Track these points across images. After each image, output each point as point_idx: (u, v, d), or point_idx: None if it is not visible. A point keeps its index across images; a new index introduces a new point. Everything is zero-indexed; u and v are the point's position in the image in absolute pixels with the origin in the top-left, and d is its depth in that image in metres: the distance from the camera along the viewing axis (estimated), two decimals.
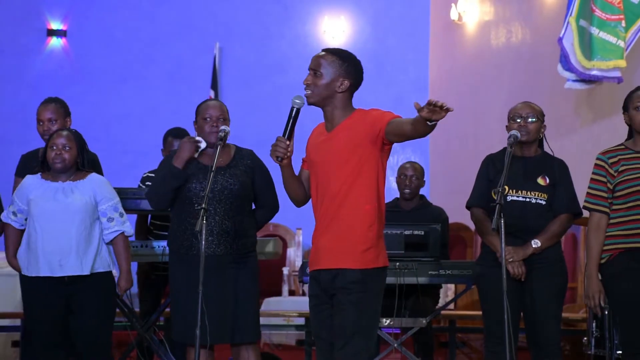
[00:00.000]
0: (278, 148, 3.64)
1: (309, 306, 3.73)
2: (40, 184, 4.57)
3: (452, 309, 7.03)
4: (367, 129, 3.67)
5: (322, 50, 3.84)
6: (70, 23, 9.68)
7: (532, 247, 4.39)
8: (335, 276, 3.59)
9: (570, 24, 6.29)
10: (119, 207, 4.58)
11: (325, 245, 3.64)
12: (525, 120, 4.43)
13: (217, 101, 4.66)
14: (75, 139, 4.59)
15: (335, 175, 3.64)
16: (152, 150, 6.80)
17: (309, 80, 3.73)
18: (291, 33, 9.73)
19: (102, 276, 4.55)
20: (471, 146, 8.68)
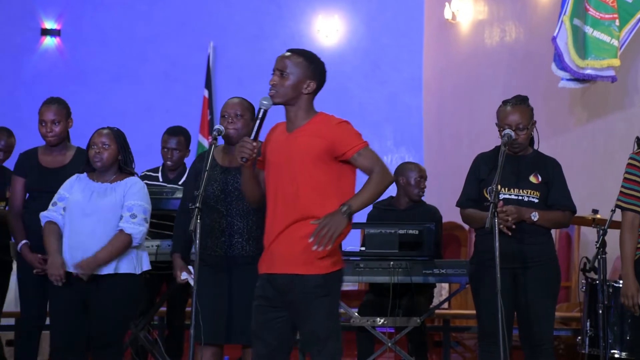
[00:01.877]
0: (244, 149, 3.64)
1: (253, 307, 3.71)
2: (84, 181, 4.60)
3: (446, 308, 7.04)
4: (331, 145, 3.65)
5: (288, 51, 3.82)
6: (64, 22, 9.68)
7: (531, 215, 4.37)
8: (292, 281, 3.59)
9: (564, 23, 6.30)
10: (133, 208, 4.51)
11: (282, 250, 3.62)
12: (517, 133, 4.42)
13: (237, 98, 4.57)
14: (116, 137, 4.60)
15: (294, 179, 3.63)
16: (147, 149, 6.80)
17: (275, 81, 3.72)
18: (285, 32, 9.73)
19: (125, 277, 4.53)
20: (465, 145, 8.69)
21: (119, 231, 4.50)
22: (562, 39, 6.32)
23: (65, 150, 5.09)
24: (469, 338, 7.24)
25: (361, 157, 3.66)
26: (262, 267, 3.71)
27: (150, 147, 6.31)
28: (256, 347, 3.68)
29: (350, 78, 9.82)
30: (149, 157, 6.40)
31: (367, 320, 5.40)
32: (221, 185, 4.30)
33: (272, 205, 3.69)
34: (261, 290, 3.68)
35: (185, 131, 5.87)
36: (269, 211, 3.70)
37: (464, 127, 8.95)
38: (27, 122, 5.30)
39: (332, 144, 3.65)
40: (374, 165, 3.67)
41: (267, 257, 3.69)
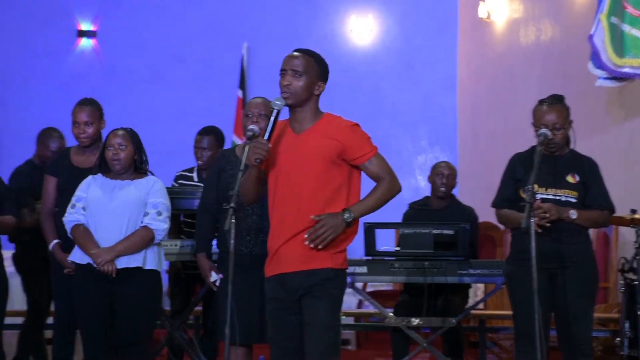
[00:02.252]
0: (259, 150, 3.58)
1: (267, 312, 3.69)
2: (100, 180, 4.64)
3: (481, 308, 7.00)
4: (343, 147, 3.63)
5: (297, 51, 3.79)
6: (100, 24, 9.76)
7: (569, 213, 4.33)
8: (303, 276, 3.58)
9: (601, 21, 6.24)
10: (159, 206, 4.58)
11: (292, 251, 3.59)
12: (554, 133, 4.38)
13: (261, 98, 4.62)
14: (131, 137, 4.64)
15: (305, 182, 3.60)
16: (181, 149, 6.84)
17: (288, 82, 3.66)
18: (318, 32, 9.72)
19: (151, 274, 4.58)
20: (500, 144, 8.63)
21: (142, 227, 4.54)
22: (599, 37, 6.25)
23: (97, 150, 5.12)
24: (505, 338, 7.20)
25: (372, 165, 3.67)
26: (269, 269, 3.67)
27: (185, 147, 6.34)
28: (274, 353, 3.65)
29: (383, 78, 9.80)
30: (183, 157, 6.43)
31: (402, 320, 5.38)
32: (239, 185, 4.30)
33: (280, 208, 3.64)
34: (272, 293, 3.65)
35: (217, 131, 5.88)
36: (276, 213, 3.65)
37: (499, 127, 8.89)
38: (63, 122, 5.34)
39: (344, 146, 3.63)
40: (384, 173, 3.68)
41: (276, 260, 3.65)
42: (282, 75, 3.69)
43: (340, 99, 9.44)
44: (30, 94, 9.59)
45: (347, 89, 9.34)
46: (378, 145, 3.78)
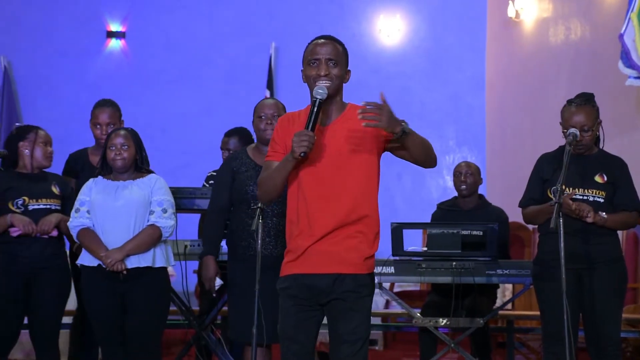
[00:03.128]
0: (305, 142, 3.35)
1: (283, 308, 3.49)
2: (102, 182, 4.65)
3: (509, 309, 6.97)
4: (374, 130, 3.44)
5: (325, 38, 3.59)
6: (129, 25, 9.82)
7: (600, 214, 4.31)
8: (337, 280, 3.41)
9: (632, 20, 6.19)
10: (163, 203, 4.59)
11: (326, 250, 3.43)
12: (582, 134, 4.35)
13: (272, 99, 4.64)
14: (133, 137, 4.65)
15: (341, 177, 3.44)
16: (209, 150, 6.86)
17: (328, 71, 3.48)
18: (346, 32, 9.71)
19: (160, 271, 4.61)
20: (528, 144, 8.59)
21: (149, 225, 4.56)
22: (630, 36, 6.21)
23: None
24: (533, 339, 7.16)
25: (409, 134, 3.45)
26: (292, 268, 3.48)
27: (212, 147, 6.36)
28: (290, 348, 3.47)
29: (411, 78, 9.78)
30: (211, 157, 6.45)
31: (430, 320, 5.37)
32: None
33: (310, 204, 3.44)
34: (295, 291, 3.46)
35: (243, 131, 5.83)
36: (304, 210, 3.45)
37: (527, 127, 8.84)
38: None
39: (378, 130, 3.44)
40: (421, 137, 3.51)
41: (303, 259, 3.46)
42: (314, 64, 3.51)
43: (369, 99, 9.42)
44: (60, 95, 9.67)
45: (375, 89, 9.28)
46: None
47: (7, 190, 4.76)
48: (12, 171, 4.87)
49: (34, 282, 4.73)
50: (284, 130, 3.53)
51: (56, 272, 4.78)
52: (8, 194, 4.76)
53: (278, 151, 3.52)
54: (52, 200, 4.81)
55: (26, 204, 4.75)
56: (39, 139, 4.84)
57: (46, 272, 4.74)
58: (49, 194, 4.81)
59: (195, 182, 5.89)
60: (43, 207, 4.78)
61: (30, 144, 4.83)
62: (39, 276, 4.73)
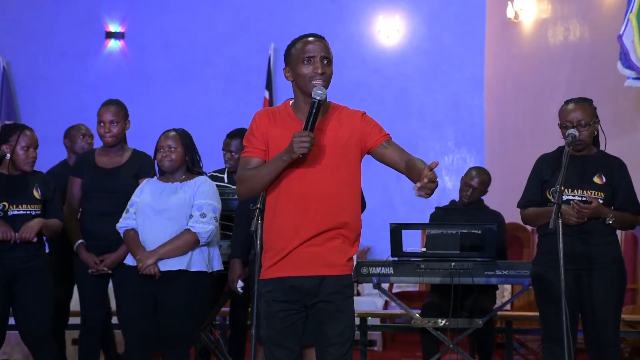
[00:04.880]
0: (306, 143, 3.26)
1: (269, 313, 3.39)
2: (154, 183, 4.68)
3: (508, 309, 6.97)
4: (359, 136, 3.40)
5: (317, 35, 3.50)
6: (128, 26, 9.82)
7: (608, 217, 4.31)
8: (322, 282, 3.36)
9: (631, 20, 6.19)
10: (203, 207, 4.57)
11: (311, 252, 3.36)
12: (579, 130, 4.36)
13: None
14: (182, 139, 4.68)
15: (327, 178, 3.37)
16: (209, 150, 6.83)
17: (324, 69, 3.39)
18: (346, 33, 9.72)
19: (196, 275, 4.59)
20: (527, 145, 8.59)
21: (186, 230, 4.55)
22: (629, 37, 6.21)
23: (122, 151, 5.16)
24: (532, 340, 7.17)
25: (390, 145, 3.41)
26: (276, 271, 3.39)
27: (212, 148, 6.37)
28: (277, 355, 3.40)
29: (411, 78, 9.78)
30: (211, 158, 6.43)
31: (429, 321, 5.37)
32: None
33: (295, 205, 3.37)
34: (281, 295, 3.38)
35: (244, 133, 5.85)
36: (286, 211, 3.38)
37: (527, 128, 8.85)
38: (92, 123, 5.38)
39: (360, 134, 3.40)
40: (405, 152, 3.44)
41: (288, 261, 3.38)
42: (308, 61, 3.42)
43: (368, 100, 9.45)
44: (59, 95, 9.68)
45: (375, 90, 9.34)
46: (405, 145, 3.73)
47: None
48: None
49: (15, 284, 4.73)
50: (264, 126, 3.44)
51: (37, 273, 4.77)
52: None
53: (258, 147, 3.43)
54: (33, 206, 4.78)
55: (6, 209, 4.72)
56: (22, 142, 4.76)
57: (27, 274, 4.74)
58: (30, 199, 4.78)
59: None
60: (23, 213, 4.75)
61: (11, 147, 4.75)
62: (20, 278, 4.73)
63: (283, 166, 3.35)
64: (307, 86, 3.39)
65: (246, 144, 3.48)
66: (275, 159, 3.36)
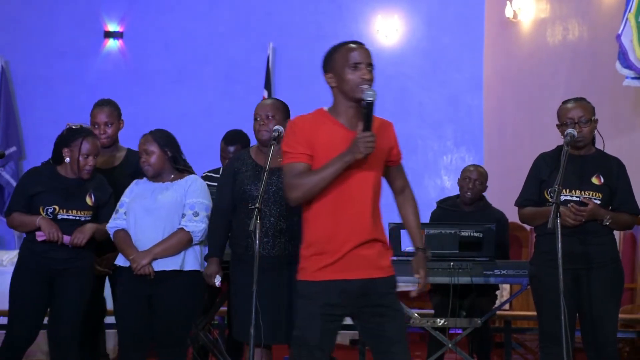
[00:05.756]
0: (370, 144, 3.36)
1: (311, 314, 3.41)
2: (143, 183, 4.67)
3: (507, 309, 6.97)
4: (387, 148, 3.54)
5: (359, 42, 3.64)
6: (126, 25, 9.82)
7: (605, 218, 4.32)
8: (371, 284, 3.42)
9: (629, 20, 6.20)
10: (195, 206, 4.55)
11: (361, 256, 3.42)
12: (580, 126, 4.36)
13: (270, 99, 4.63)
14: (156, 139, 4.61)
15: (368, 181, 3.45)
16: (207, 150, 6.85)
17: (371, 77, 3.58)
18: (344, 32, 9.70)
19: (190, 274, 4.58)
20: (526, 145, 8.59)
21: (179, 229, 4.54)
22: (627, 36, 6.22)
23: (116, 151, 5.15)
24: (530, 339, 7.17)
25: (401, 169, 3.63)
26: (330, 273, 3.42)
27: (211, 147, 6.36)
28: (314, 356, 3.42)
29: (410, 78, 9.78)
30: (209, 157, 6.44)
31: (427, 321, 5.37)
32: (265, 186, 4.31)
33: (345, 209, 3.42)
34: (327, 298, 3.41)
35: (242, 137, 5.74)
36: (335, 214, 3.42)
37: (525, 127, 8.85)
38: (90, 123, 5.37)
39: (391, 145, 3.56)
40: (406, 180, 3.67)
41: (342, 264, 3.41)
42: (356, 67, 3.54)
43: None
44: (57, 95, 9.67)
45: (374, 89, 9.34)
46: (404, 145, 3.76)
47: (39, 193, 4.72)
48: (52, 170, 4.80)
49: (55, 284, 4.72)
50: (308, 130, 3.48)
51: (79, 274, 4.75)
52: (39, 198, 4.71)
53: (303, 152, 3.45)
54: (83, 212, 4.75)
55: (56, 212, 4.71)
56: (83, 149, 4.69)
57: (68, 275, 4.73)
58: (81, 206, 4.75)
59: None
60: (72, 218, 4.73)
61: (70, 153, 4.72)
62: (59, 278, 4.72)
63: (344, 167, 3.40)
64: (355, 91, 3.52)
65: (288, 149, 3.50)
66: (335, 161, 3.40)
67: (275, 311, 4.33)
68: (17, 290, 4.74)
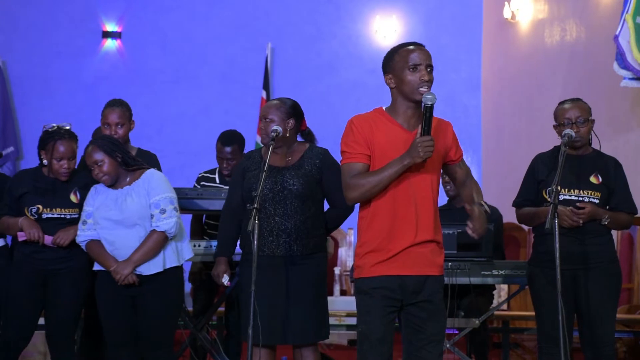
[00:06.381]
0: (429, 147, 3.46)
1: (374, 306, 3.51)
2: (102, 191, 4.61)
3: (505, 309, 6.97)
4: (449, 146, 3.64)
5: (418, 44, 3.73)
6: (124, 25, 9.81)
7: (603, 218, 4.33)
8: (426, 281, 3.52)
9: (627, 21, 6.20)
10: (160, 204, 4.52)
11: (417, 253, 3.52)
12: (578, 126, 4.37)
13: (272, 100, 4.61)
14: (101, 148, 4.54)
15: (426, 181, 3.53)
16: (205, 150, 6.86)
17: (430, 77, 3.68)
18: (343, 33, 9.72)
19: (170, 271, 4.57)
20: (524, 145, 8.60)
21: (152, 231, 4.51)
22: (625, 37, 6.22)
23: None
24: (528, 340, 7.17)
25: (463, 166, 3.69)
26: (387, 268, 3.51)
27: (209, 147, 6.35)
28: (377, 350, 3.51)
29: None
30: (207, 157, 6.44)
31: None
32: (270, 185, 4.30)
33: (405, 206, 3.50)
34: (387, 291, 3.50)
35: (239, 138, 5.71)
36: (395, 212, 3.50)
37: (523, 128, 8.85)
38: (88, 123, 5.38)
39: (448, 145, 3.63)
40: (470, 176, 3.73)
41: (400, 260, 3.50)
42: (415, 69, 3.62)
43: (366, 99, 9.43)
44: (55, 95, 9.65)
45: (372, 90, 9.32)
46: None
47: (24, 195, 4.72)
48: (37, 170, 4.80)
49: (51, 282, 4.72)
50: (367, 130, 3.56)
51: (73, 272, 4.74)
52: (24, 199, 4.72)
53: (362, 152, 3.54)
54: (68, 210, 4.74)
55: (40, 212, 4.71)
56: (55, 153, 4.69)
57: (59, 276, 4.72)
58: (66, 204, 4.74)
59: (192, 183, 5.89)
60: (57, 217, 4.73)
61: (46, 155, 4.73)
62: (55, 277, 4.72)
63: (403, 170, 3.47)
64: (414, 93, 3.60)
65: (347, 149, 3.58)
66: (394, 163, 3.47)
67: (276, 311, 4.33)
68: (10, 291, 4.74)
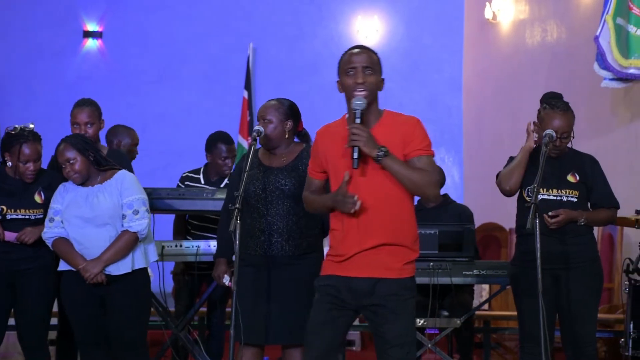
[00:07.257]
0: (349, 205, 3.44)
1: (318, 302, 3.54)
2: (71, 188, 4.58)
3: (486, 309, 7.00)
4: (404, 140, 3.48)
5: (362, 47, 3.62)
6: (105, 25, 9.77)
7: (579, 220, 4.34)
8: (377, 284, 3.47)
9: (607, 22, 6.24)
10: (133, 205, 4.50)
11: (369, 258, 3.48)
12: (561, 140, 4.38)
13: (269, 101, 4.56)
14: (74, 146, 4.51)
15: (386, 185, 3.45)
16: (188, 150, 6.85)
17: (364, 79, 3.52)
18: (324, 33, 9.73)
19: (138, 273, 4.56)
20: (506, 146, 8.62)
21: (124, 231, 4.49)
22: (605, 38, 6.26)
23: None
24: (509, 339, 7.20)
25: (421, 162, 3.45)
26: (337, 269, 3.52)
27: (191, 147, 6.35)
28: (313, 343, 3.52)
29: (389, 78, 9.65)
30: (190, 157, 6.44)
31: None
32: (262, 185, 4.30)
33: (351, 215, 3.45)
34: (331, 289, 3.51)
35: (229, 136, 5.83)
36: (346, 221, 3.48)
37: (504, 128, 8.88)
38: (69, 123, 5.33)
39: (404, 139, 3.48)
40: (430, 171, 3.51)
41: (348, 264, 3.49)
42: (350, 72, 3.51)
43: None
44: (36, 95, 9.61)
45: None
46: None
47: None
48: (1, 172, 4.76)
49: (19, 282, 4.69)
50: (322, 145, 3.58)
51: (41, 271, 4.71)
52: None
53: (316, 170, 3.63)
54: (33, 211, 4.71)
55: (4, 213, 4.67)
56: (22, 156, 4.65)
57: (31, 273, 4.69)
58: (30, 204, 4.71)
59: (175, 183, 5.87)
60: (22, 217, 4.70)
61: (11, 158, 4.69)
62: (23, 277, 4.69)
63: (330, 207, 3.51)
64: (351, 97, 3.51)
65: (310, 163, 3.70)
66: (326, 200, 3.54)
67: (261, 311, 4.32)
68: None
